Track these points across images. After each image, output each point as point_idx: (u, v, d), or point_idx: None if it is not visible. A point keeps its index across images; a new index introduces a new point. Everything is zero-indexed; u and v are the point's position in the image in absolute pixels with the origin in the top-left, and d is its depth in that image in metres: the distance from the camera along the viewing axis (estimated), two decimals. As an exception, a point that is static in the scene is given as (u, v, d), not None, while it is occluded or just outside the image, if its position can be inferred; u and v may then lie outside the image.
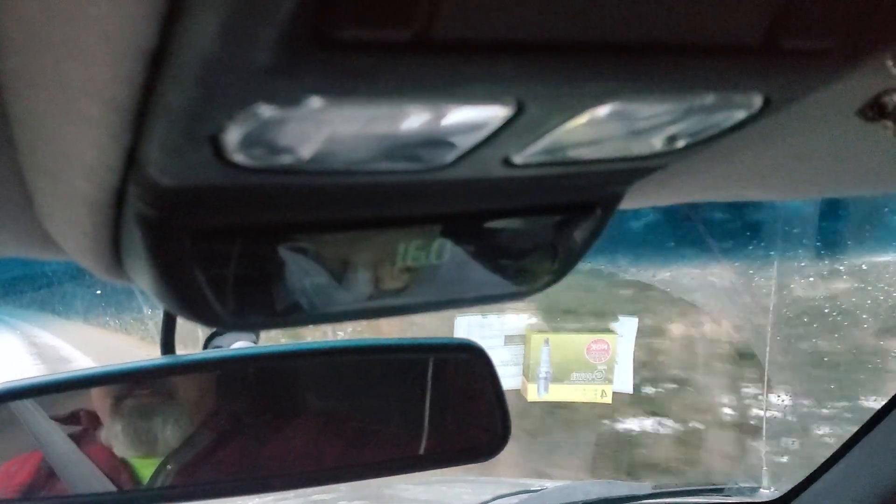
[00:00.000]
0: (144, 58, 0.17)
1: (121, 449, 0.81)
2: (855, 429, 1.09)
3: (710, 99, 0.23)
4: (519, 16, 0.17)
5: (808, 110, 0.35)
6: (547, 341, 2.81)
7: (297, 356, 0.85)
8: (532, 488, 1.58)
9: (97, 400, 0.82)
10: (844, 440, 1.11)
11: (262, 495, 1.62)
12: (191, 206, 0.25)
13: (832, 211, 2.24)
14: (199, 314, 0.29)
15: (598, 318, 2.88)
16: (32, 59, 0.21)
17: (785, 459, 2.51)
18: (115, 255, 0.31)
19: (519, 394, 2.88)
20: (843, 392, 2.46)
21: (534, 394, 2.82)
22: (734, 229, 2.40)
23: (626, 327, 2.84)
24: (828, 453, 1.13)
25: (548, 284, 0.37)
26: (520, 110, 0.21)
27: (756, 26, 0.20)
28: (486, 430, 0.83)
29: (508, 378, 2.84)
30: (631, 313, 2.84)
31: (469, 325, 2.81)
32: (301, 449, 0.85)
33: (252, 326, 0.31)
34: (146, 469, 0.82)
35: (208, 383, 0.85)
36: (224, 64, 0.16)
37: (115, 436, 0.81)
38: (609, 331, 2.83)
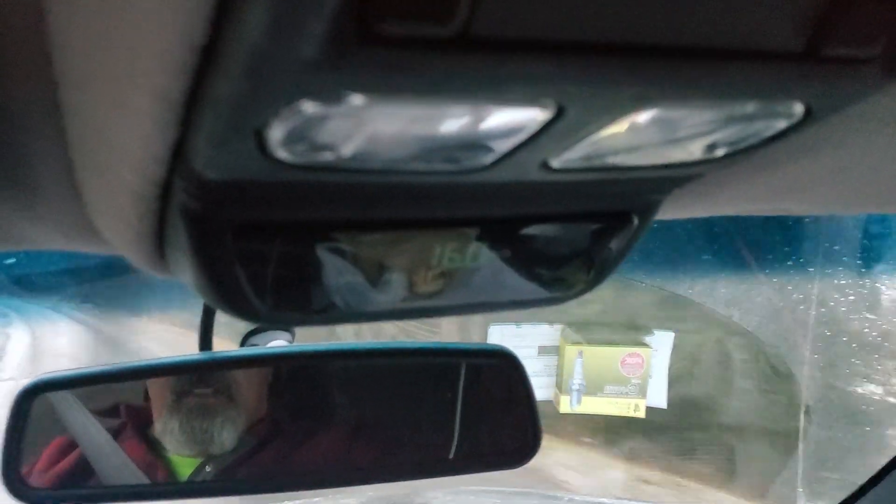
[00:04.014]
0: (194, 50, 0.17)
1: (174, 445, 0.82)
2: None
3: (750, 107, 0.23)
4: (559, 16, 0.17)
5: (850, 122, 0.35)
6: (581, 353, 2.79)
7: (334, 356, 0.86)
8: (561, 500, 1.57)
9: (155, 392, 0.84)
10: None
11: (293, 500, 1.64)
12: (234, 200, 0.25)
13: (875, 227, 2.19)
14: (238, 308, 0.29)
15: (633, 331, 2.86)
16: (85, 51, 0.22)
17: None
18: (159, 249, 0.32)
19: (551, 405, 2.87)
20: (880, 413, 2.41)
21: (566, 406, 2.81)
22: (773, 244, 2.37)
23: (662, 342, 2.81)
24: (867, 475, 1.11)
25: (582, 292, 0.37)
26: (559, 113, 0.21)
27: (798, 33, 0.20)
28: (517, 437, 0.83)
29: (541, 389, 2.83)
30: (666, 327, 2.82)
31: (502, 335, 2.81)
32: (333, 450, 0.85)
33: (288, 322, 0.32)
34: (184, 468, 0.83)
35: (263, 385, 0.85)
36: (271, 58, 0.16)
37: (170, 431, 0.82)
38: (644, 345, 2.81)
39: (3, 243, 0.43)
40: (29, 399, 0.74)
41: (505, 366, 0.82)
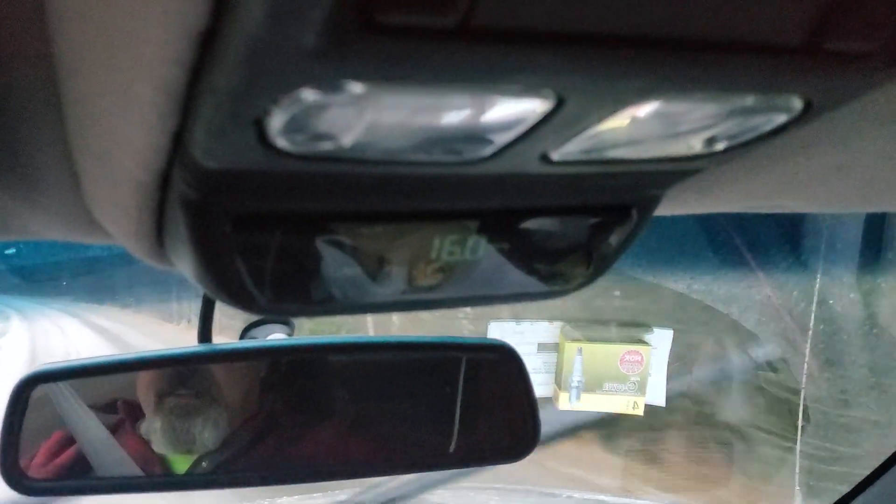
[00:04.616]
0: (194, 39, 0.17)
1: (158, 445, 0.83)
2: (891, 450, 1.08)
3: (750, 100, 0.23)
4: (560, 7, 0.17)
5: (850, 119, 0.35)
6: (580, 351, 2.79)
7: (333, 349, 0.86)
8: (559, 498, 1.57)
9: (141, 392, 0.84)
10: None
11: (290, 495, 1.64)
12: (233, 190, 0.25)
13: (877, 226, 2.19)
14: (237, 298, 0.29)
15: (633, 328, 2.86)
16: (85, 40, 0.22)
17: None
18: (159, 239, 0.32)
19: (550, 402, 2.87)
20: (882, 413, 2.41)
21: (565, 402, 2.81)
22: (774, 241, 2.37)
23: (661, 339, 2.81)
24: (864, 473, 1.11)
25: (581, 285, 0.37)
26: (559, 104, 0.21)
27: (799, 27, 0.20)
28: (516, 432, 0.83)
29: (540, 386, 2.83)
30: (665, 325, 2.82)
31: (502, 331, 2.81)
32: (331, 444, 0.85)
33: (288, 313, 0.32)
34: (181, 464, 0.83)
35: (250, 383, 0.86)
36: (271, 46, 0.16)
37: (153, 432, 0.83)
38: (643, 342, 2.81)
39: (1, 233, 0.43)
40: (27, 390, 0.74)
41: (505, 361, 0.83)
